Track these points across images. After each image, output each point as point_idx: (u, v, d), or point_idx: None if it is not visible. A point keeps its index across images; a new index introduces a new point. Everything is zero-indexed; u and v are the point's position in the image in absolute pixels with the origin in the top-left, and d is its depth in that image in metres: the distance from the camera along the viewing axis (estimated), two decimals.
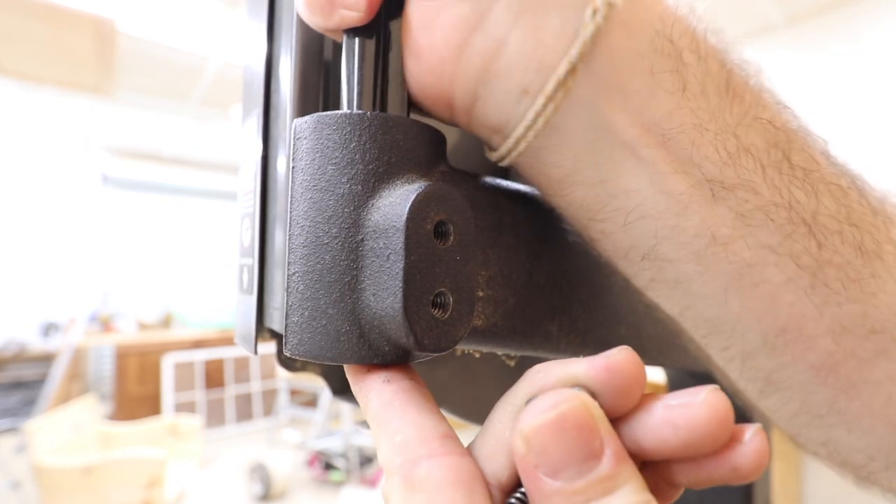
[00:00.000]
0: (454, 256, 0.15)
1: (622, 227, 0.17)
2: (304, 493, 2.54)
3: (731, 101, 0.16)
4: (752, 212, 0.16)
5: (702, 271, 0.17)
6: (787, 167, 0.16)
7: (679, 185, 0.16)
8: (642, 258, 0.18)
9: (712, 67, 0.16)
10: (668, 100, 0.15)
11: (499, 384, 0.32)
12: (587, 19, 0.15)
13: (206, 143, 3.69)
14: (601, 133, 0.16)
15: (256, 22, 0.23)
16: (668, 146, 0.16)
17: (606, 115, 0.16)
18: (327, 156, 0.16)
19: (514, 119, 0.17)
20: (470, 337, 0.19)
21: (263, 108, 0.22)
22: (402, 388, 0.16)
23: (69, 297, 3.58)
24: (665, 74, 0.15)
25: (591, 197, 0.17)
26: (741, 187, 0.16)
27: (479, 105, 0.17)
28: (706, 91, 0.16)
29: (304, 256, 0.16)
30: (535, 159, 0.17)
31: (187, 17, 2.00)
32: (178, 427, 2.65)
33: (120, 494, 1.99)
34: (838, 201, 0.17)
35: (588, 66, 0.15)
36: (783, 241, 0.16)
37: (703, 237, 0.16)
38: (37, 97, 2.78)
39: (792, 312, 0.17)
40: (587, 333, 0.23)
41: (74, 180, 3.67)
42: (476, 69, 0.16)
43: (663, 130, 0.16)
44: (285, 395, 3.41)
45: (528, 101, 0.16)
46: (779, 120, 0.17)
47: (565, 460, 0.13)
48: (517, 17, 0.15)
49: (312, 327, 0.15)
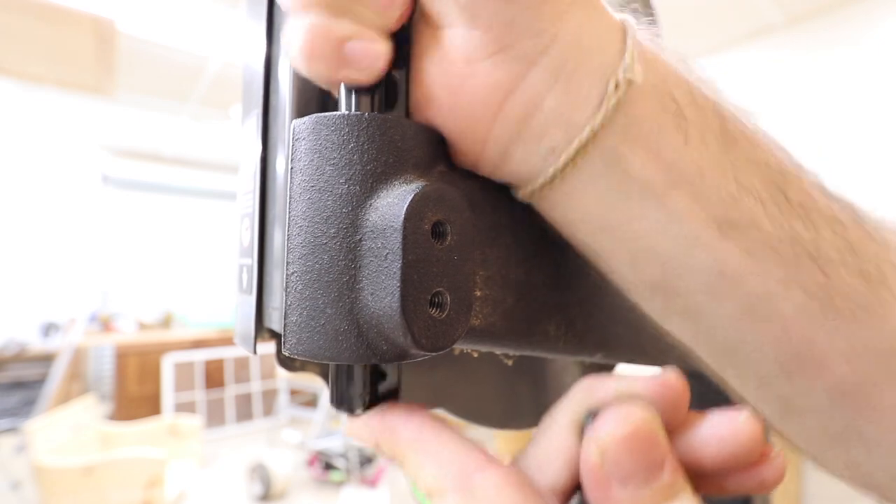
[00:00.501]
0: (452, 256, 0.15)
1: (634, 263, 0.18)
2: (304, 493, 2.54)
3: (728, 146, 0.17)
4: (758, 246, 0.17)
5: (713, 303, 0.18)
6: (786, 203, 0.18)
7: (688, 225, 0.17)
8: (654, 291, 0.19)
9: (709, 118, 0.18)
10: (674, 149, 0.17)
11: (497, 384, 0.32)
12: (610, 90, 0.16)
13: (206, 143, 3.69)
14: (617, 180, 0.17)
15: (256, 22, 0.23)
16: (677, 190, 0.17)
17: (622, 165, 0.17)
18: (325, 156, 0.16)
19: (539, 172, 0.18)
20: (468, 336, 0.19)
21: (263, 109, 0.22)
22: (426, 417, 0.17)
23: (69, 297, 3.58)
24: (671, 128, 0.17)
25: (604, 236, 0.18)
26: (746, 224, 0.17)
27: (507, 159, 0.18)
28: (705, 139, 0.17)
29: (302, 256, 0.16)
30: (554, 202, 0.18)
31: (187, 17, 2.00)
32: (178, 427, 2.65)
33: (120, 494, 1.99)
34: (836, 233, 0.18)
35: (608, 127, 0.17)
36: (790, 273, 0.17)
37: (712, 272, 0.17)
38: (37, 97, 2.78)
39: (804, 339, 0.18)
40: (585, 333, 0.23)
41: (74, 180, 3.67)
42: (511, 130, 0.17)
43: (672, 176, 0.17)
44: (285, 395, 3.41)
45: (553, 158, 0.17)
46: (773, 160, 0.18)
47: (635, 470, 0.14)
48: (553, 82, 0.16)
49: (311, 327, 0.15)
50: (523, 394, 0.32)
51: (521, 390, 0.32)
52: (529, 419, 0.32)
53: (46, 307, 3.48)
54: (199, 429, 2.71)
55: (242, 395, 3.56)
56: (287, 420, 3.47)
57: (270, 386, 3.67)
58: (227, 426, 3.42)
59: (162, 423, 2.65)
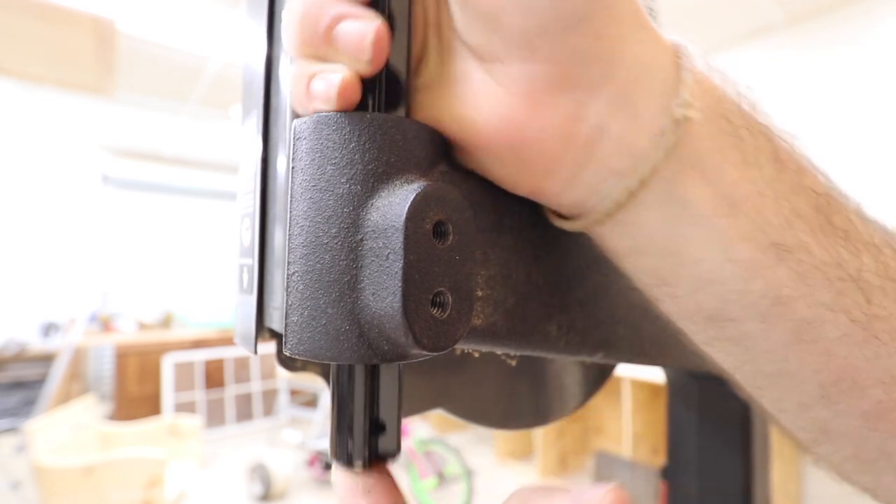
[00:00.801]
0: (453, 256, 0.15)
1: (691, 292, 0.18)
2: (304, 493, 2.54)
3: (780, 170, 0.17)
4: (810, 271, 0.17)
5: (765, 329, 0.18)
6: (830, 228, 0.18)
7: (746, 252, 0.17)
8: (708, 319, 0.19)
9: (761, 141, 0.18)
10: (732, 173, 0.17)
11: (498, 384, 0.32)
12: (668, 127, 0.16)
13: (206, 143, 3.69)
14: (676, 207, 0.17)
15: (256, 22, 0.23)
16: (736, 215, 0.17)
17: (682, 191, 0.17)
18: (326, 156, 0.16)
19: (598, 197, 0.18)
20: (469, 336, 0.19)
21: (263, 109, 0.22)
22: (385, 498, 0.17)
23: (69, 297, 3.58)
24: (728, 151, 0.17)
25: (661, 265, 0.18)
26: (799, 248, 0.17)
27: (573, 185, 0.18)
28: (759, 162, 0.17)
29: (303, 256, 0.16)
30: (610, 230, 0.18)
31: (187, 17, 2.00)
32: (178, 427, 2.66)
33: (120, 494, 1.99)
34: (875, 258, 0.18)
35: (667, 158, 0.17)
36: (836, 298, 0.17)
37: (767, 298, 0.17)
38: (37, 97, 2.78)
39: (846, 364, 0.18)
40: (586, 334, 0.23)
41: (74, 180, 3.67)
42: (579, 158, 0.17)
43: (731, 201, 0.17)
44: (285, 395, 3.41)
45: (615, 181, 0.17)
46: (819, 186, 0.18)
47: None
48: (617, 109, 0.16)
49: (312, 327, 0.15)
50: (523, 394, 0.32)
51: (521, 390, 0.32)
52: (529, 419, 0.32)
53: (46, 307, 3.48)
54: (199, 429, 2.71)
55: (242, 395, 3.56)
56: (287, 420, 3.47)
57: (270, 386, 3.67)
58: (227, 426, 3.42)
59: (162, 423, 2.65)
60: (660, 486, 0.44)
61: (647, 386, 2.26)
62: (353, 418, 0.17)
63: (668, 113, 0.16)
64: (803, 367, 0.18)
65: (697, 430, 0.40)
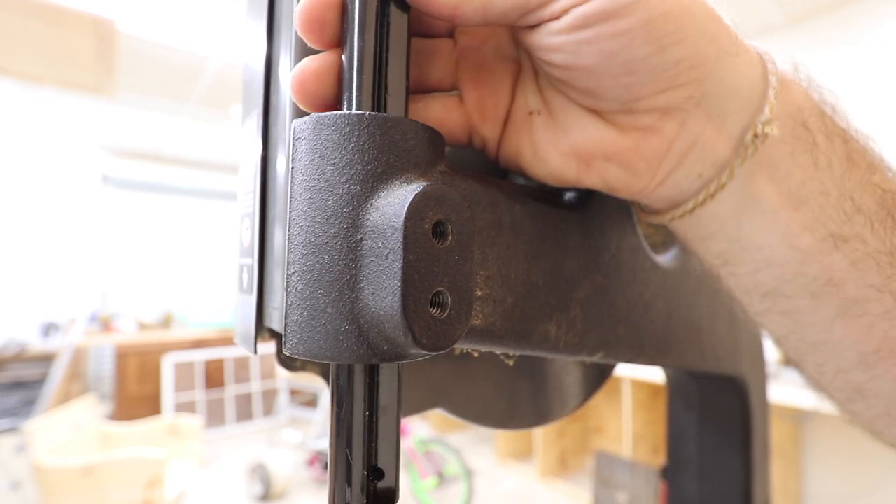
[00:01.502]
0: (452, 256, 0.15)
1: (752, 272, 0.21)
2: (304, 493, 2.54)
3: (850, 170, 0.19)
4: (863, 258, 0.19)
5: (814, 305, 0.20)
6: (890, 221, 0.20)
7: (806, 241, 0.19)
8: (764, 295, 0.21)
9: (836, 144, 0.19)
10: (802, 174, 0.19)
11: (497, 384, 0.32)
12: (749, 140, 0.18)
13: (206, 143, 3.69)
14: (748, 201, 0.19)
15: (256, 22, 0.23)
16: (800, 210, 0.19)
17: (754, 189, 0.19)
18: (326, 156, 0.16)
19: (690, 196, 0.20)
20: (468, 336, 0.19)
21: (263, 109, 0.22)
22: None
23: (69, 297, 3.58)
24: (801, 155, 0.19)
25: (728, 249, 0.21)
26: (855, 239, 0.19)
27: (663, 186, 0.20)
28: (831, 164, 0.19)
29: (303, 256, 0.16)
30: (688, 222, 0.21)
31: (187, 17, 2.00)
32: (178, 427, 2.65)
33: (120, 494, 1.99)
34: None
35: (748, 159, 0.19)
36: (885, 281, 0.20)
37: (820, 280, 0.20)
38: (37, 97, 2.78)
39: (886, 336, 0.20)
40: (585, 333, 0.23)
41: (74, 180, 3.67)
42: (674, 164, 0.19)
43: (798, 198, 0.19)
44: (285, 395, 3.41)
45: (700, 183, 0.19)
46: (886, 183, 0.20)
47: None
48: (707, 122, 0.18)
49: (312, 326, 0.15)
50: (523, 394, 0.32)
51: (520, 390, 0.32)
52: (529, 419, 0.32)
53: (46, 307, 3.48)
54: (199, 429, 2.71)
55: (242, 395, 3.56)
56: (287, 420, 3.47)
57: (270, 386, 3.67)
58: (227, 426, 3.42)
59: (162, 423, 2.65)
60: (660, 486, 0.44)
61: (647, 386, 2.26)
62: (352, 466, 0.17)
63: (752, 127, 0.18)
64: (847, 338, 0.20)
65: (697, 430, 0.40)
